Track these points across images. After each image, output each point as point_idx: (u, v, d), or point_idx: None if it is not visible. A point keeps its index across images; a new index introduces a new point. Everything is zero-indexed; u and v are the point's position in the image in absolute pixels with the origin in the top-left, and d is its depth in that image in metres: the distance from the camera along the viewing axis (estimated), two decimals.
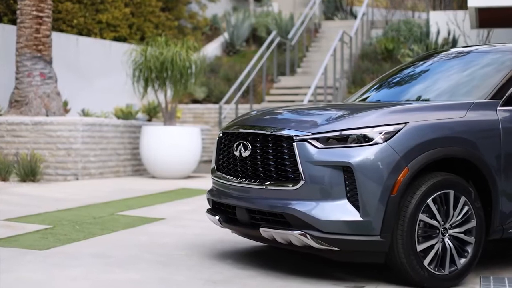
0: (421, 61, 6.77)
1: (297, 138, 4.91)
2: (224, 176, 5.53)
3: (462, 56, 6.46)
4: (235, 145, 5.36)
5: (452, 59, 6.49)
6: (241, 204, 5.27)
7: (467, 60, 6.33)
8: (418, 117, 4.99)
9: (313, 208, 4.81)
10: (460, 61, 6.36)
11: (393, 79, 6.75)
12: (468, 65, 6.19)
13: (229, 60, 20.48)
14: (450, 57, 6.52)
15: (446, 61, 6.50)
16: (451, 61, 6.47)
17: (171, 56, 13.14)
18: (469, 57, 6.36)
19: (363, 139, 4.83)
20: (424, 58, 6.83)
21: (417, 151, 4.86)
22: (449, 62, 6.48)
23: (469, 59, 6.32)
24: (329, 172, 4.80)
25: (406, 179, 4.80)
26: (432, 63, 6.61)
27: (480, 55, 6.28)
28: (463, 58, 6.42)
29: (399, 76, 6.74)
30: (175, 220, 7.88)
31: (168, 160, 13.18)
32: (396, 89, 6.52)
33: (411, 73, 6.64)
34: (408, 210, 4.82)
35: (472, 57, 6.33)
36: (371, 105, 5.60)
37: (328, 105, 6.32)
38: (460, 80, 6.00)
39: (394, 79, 6.69)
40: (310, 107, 5.99)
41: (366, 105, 5.69)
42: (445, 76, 6.18)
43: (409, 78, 6.59)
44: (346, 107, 5.59)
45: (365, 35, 21.27)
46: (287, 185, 4.93)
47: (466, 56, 6.44)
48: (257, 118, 5.53)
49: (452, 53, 6.60)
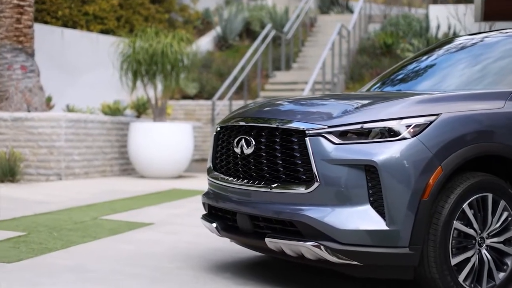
0: (438, 48, 6.04)
1: (310, 132, 4.15)
2: (223, 176, 4.77)
3: (489, 42, 5.71)
4: (235, 141, 4.60)
5: (476, 44, 5.75)
6: (243, 209, 4.51)
7: (494, 45, 5.59)
8: (452, 108, 4.25)
9: (329, 215, 4.06)
10: (487, 47, 5.62)
11: (409, 68, 6.02)
12: (496, 50, 5.45)
13: (222, 55, 19.75)
14: (473, 43, 5.78)
15: (470, 47, 5.76)
16: (475, 47, 5.73)
17: (161, 48, 12.40)
18: (496, 42, 5.61)
19: (388, 134, 4.08)
20: (441, 45, 6.11)
21: (452, 148, 4.12)
22: (473, 48, 5.74)
23: (497, 44, 5.57)
24: (348, 172, 4.05)
25: (440, 181, 4.06)
26: (453, 50, 5.90)
27: (508, 39, 5.52)
28: (490, 44, 5.67)
29: (416, 65, 6.01)
30: (166, 225, 7.11)
31: (158, 158, 12.45)
32: (414, 79, 5.77)
33: (430, 62, 5.92)
34: (441, 217, 4.09)
35: (499, 41, 5.59)
36: (395, 94, 4.84)
37: (342, 95, 5.55)
38: (489, 67, 5.26)
39: (411, 69, 5.95)
40: (321, 96, 5.22)
41: (389, 94, 4.93)
42: (471, 63, 5.45)
43: (428, 67, 5.86)
44: (365, 96, 4.84)
45: (362, 30, 20.60)
46: (298, 188, 4.18)
47: (492, 41, 5.69)
48: (261, 109, 4.78)
49: (474, 38, 5.85)
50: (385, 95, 4.91)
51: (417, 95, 4.40)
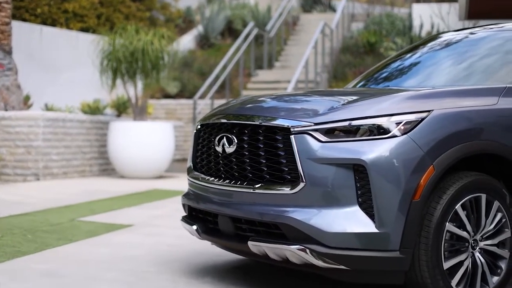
0: (424, 45, 5.86)
1: (295, 129, 3.94)
2: (203, 176, 4.55)
3: (477, 37, 5.52)
4: (217, 139, 4.39)
5: (464, 40, 5.56)
6: (225, 211, 4.29)
7: (482, 41, 5.41)
8: (444, 104, 4.05)
9: (315, 217, 3.85)
10: (475, 43, 5.44)
11: (395, 65, 5.82)
12: (485, 46, 5.27)
13: (204, 54, 19.49)
14: (461, 39, 5.58)
15: (458, 43, 5.56)
16: (462, 42, 5.54)
17: (141, 46, 12.14)
18: (485, 38, 5.43)
19: (377, 131, 3.88)
20: (427, 42, 5.93)
21: (444, 146, 3.92)
22: (461, 43, 5.55)
23: (485, 39, 5.39)
24: (335, 171, 3.84)
25: (432, 181, 3.86)
26: (440, 47, 5.71)
27: (501, 33, 5.33)
28: (478, 39, 5.49)
29: (402, 62, 5.82)
30: (145, 227, 6.88)
31: (138, 158, 12.20)
32: (401, 76, 5.56)
33: (416, 58, 5.72)
34: (433, 219, 3.89)
35: (488, 37, 5.40)
36: (384, 91, 4.64)
37: (328, 91, 5.34)
38: (478, 63, 5.09)
39: (397, 66, 5.75)
40: (305, 92, 5.01)
41: (377, 90, 4.74)
42: (462, 58, 5.26)
43: (415, 63, 5.67)
44: (352, 92, 4.65)
45: (345, 29, 20.43)
46: (282, 188, 3.96)
47: (480, 37, 5.51)
48: (243, 106, 4.56)
49: (465, 33, 5.66)
50: (373, 91, 4.71)
51: (408, 91, 4.20)
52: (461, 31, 5.78)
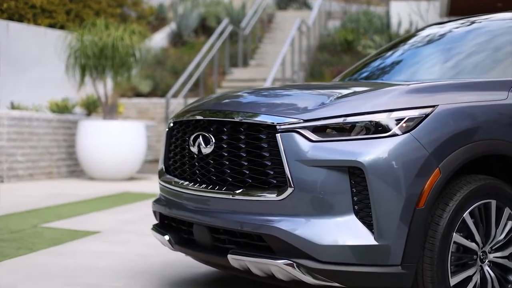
0: (421, 34, 5.42)
1: (282, 127, 3.45)
2: (177, 180, 4.05)
3: (480, 26, 5.07)
4: (192, 139, 3.88)
5: (467, 28, 5.11)
6: (201, 220, 3.79)
7: (485, 29, 4.95)
8: (449, 99, 3.58)
9: (305, 227, 3.36)
10: (478, 32, 4.98)
11: (384, 59, 5.38)
12: (489, 35, 4.82)
13: (177, 52, 18.94)
14: (463, 28, 5.14)
15: (460, 33, 5.12)
16: (465, 32, 5.09)
17: (111, 42, 11.58)
18: (489, 27, 4.98)
19: (375, 129, 3.40)
20: (415, 35, 5.50)
21: (451, 146, 3.45)
22: (463, 33, 5.10)
23: (489, 28, 4.94)
24: (328, 175, 3.35)
25: (438, 185, 3.39)
26: (440, 36, 5.26)
27: (502, 23, 4.88)
28: (481, 28, 5.04)
29: (391, 55, 5.37)
30: (114, 234, 6.35)
31: (108, 159, 11.66)
32: (391, 71, 5.10)
33: (407, 52, 5.28)
34: (438, 229, 3.42)
35: (493, 26, 4.95)
36: (380, 84, 4.16)
37: (315, 84, 4.85)
38: (484, 55, 4.63)
39: (386, 60, 5.31)
40: (291, 85, 4.50)
41: (372, 84, 4.26)
42: (463, 50, 4.80)
43: (405, 57, 5.23)
44: (343, 85, 4.17)
45: (322, 26, 20.00)
46: (267, 194, 3.47)
47: (483, 25, 5.06)
48: (222, 101, 4.07)
49: (463, 23, 5.21)
50: (367, 84, 4.23)
51: (409, 84, 3.72)
52: (456, 21, 5.33)
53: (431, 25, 5.63)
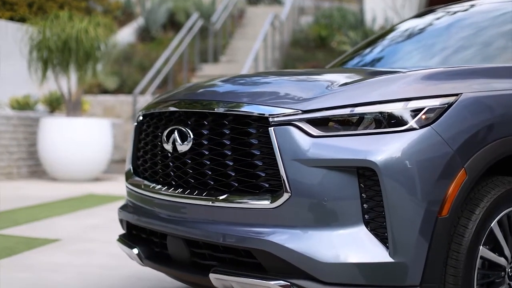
0: (424, 17, 4.88)
1: (276, 119, 2.85)
2: (147, 184, 3.43)
3: (485, 8, 4.53)
4: (165, 134, 3.27)
5: (470, 11, 4.58)
6: (176, 231, 3.17)
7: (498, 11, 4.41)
8: (475, 86, 3.01)
9: (304, 241, 2.77)
10: (489, 14, 4.44)
11: (380, 46, 4.82)
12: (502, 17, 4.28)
13: (145, 48, 18.23)
14: (471, 9, 4.59)
15: (468, 16, 4.57)
16: (473, 14, 4.55)
17: (75, 34, 10.88)
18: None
19: (388, 122, 2.81)
20: (424, 14, 4.96)
21: (479, 142, 2.88)
22: (471, 16, 4.56)
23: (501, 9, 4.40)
24: (333, 178, 2.76)
25: (464, 189, 2.82)
26: (446, 19, 4.72)
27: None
28: (485, 11, 4.50)
29: (390, 42, 4.82)
30: (75, 242, 5.70)
31: (72, 159, 10.97)
32: (400, 53, 4.54)
33: (417, 33, 4.73)
34: (463, 242, 2.84)
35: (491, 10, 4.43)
36: (389, 71, 3.56)
37: (312, 70, 4.24)
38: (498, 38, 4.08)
39: (393, 41, 4.76)
40: (283, 72, 3.90)
41: (378, 71, 3.67)
42: (475, 33, 4.25)
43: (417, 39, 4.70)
44: (345, 71, 3.59)
45: (295, 22, 19.46)
46: (258, 201, 2.87)
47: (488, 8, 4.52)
48: (200, 89, 3.46)
49: (471, 4, 4.66)
50: (374, 70, 3.64)
51: (426, 69, 3.13)
52: (457, 4, 4.79)
53: (429, 9, 5.11)
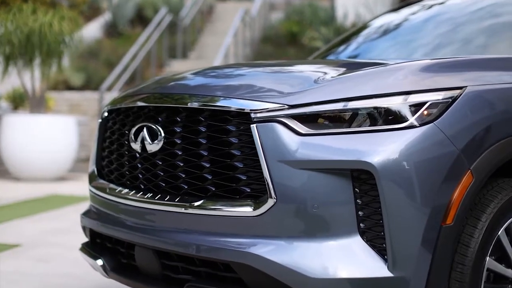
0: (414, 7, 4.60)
1: (259, 115, 2.52)
2: (113, 187, 3.08)
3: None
4: (133, 132, 2.91)
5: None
6: (145, 241, 2.82)
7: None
8: (481, 78, 2.71)
9: (291, 254, 2.45)
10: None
11: (372, 34, 4.57)
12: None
13: (112, 43, 17.78)
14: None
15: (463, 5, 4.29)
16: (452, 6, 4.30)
17: (38, 28, 10.44)
18: None
19: (385, 118, 2.49)
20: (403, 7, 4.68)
21: (486, 141, 2.58)
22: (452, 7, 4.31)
23: None
24: (324, 182, 2.43)
25: (470, 194, 2.51)
26: (425, 12, 4.44)
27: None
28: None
29: (378, 31, 4.56)
30: (36, 247, 5.32)
31: (36, 157, 10.51)
32: (384, 46, 4.25)
33: (401, 25, 4.45)
34: (469, 253, 2.54)
35: None
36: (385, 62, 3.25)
37: (290, 62, 3.90)
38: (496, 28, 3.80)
39: (374, 35, 4.46)
40: (265, 63, 3.55)
41: (374, 62, 3.35)
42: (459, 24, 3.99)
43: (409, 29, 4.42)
44: (335, 63, 3.27)
45: (265, 18, 19.15)
46: (239, 207, 2.53)
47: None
48: (172, 82, 3.12)
49: None
50: (365, 61, 3.32)
51: (425, 59, 2.81)
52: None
53: (407, 3, 4.83)
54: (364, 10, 17.30)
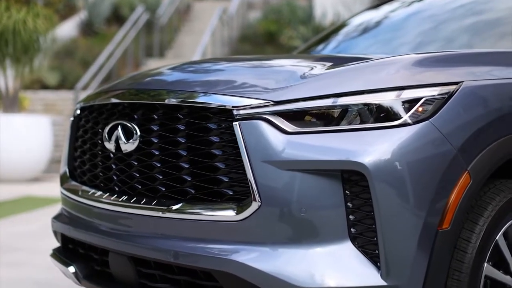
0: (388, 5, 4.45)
1: (242, 111, 2.35)
2: (86, 189, 2.89)
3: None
4: (107, 131, 2.73)
5: None
6: (120, 247, 2.64)
7: None
8: (477, 74, 2.55)
9: (277, 261, 2.28)
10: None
11: (354, 30, 4.41)
12: None
13: (87, 42, 17.52)
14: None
15: None
16: None
17: (12, 25, 10.20)
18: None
19: (376, 115, 2.33)
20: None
21: (483, 139, 2.42)
22: None
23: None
24: (312, 183, 2.26)
25: (467, 197, 2.35)
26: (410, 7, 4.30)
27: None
28: None
29: (362, 26, 4.42)
30: (7, 252, 5.11)
31: (9, 158, 10.27)
32: (369, 41, 4.09)
33: (391, 19, 4.30)
34: (466, 259, 2.38)
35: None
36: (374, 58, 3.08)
37: (280, 56, 3.72)
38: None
39: (357, 31, 4.30)
40: (247, 57, 3.36)
41: (364, 57, 3.19)
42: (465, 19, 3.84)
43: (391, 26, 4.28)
44: (321, 58, 3.11)
45: (243, 17, 18.99)
46: (220, 211, 2.36)
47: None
48: (148, 78, 2.94)
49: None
50: (354, 56, 3.16)
51: (418, 54, 2.65)
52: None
53: None
54: (343, 8, 17.19)
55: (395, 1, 4.52)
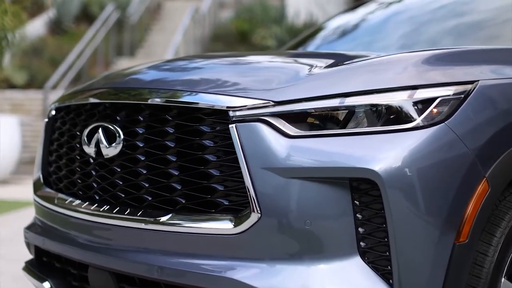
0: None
1: (239, 113, 2.12)
2: (62, 197, 2.64)
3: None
4: (86, 134, 2.48)
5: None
6: (100, 261, 2.40)
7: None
8: (494, 72, 2.35)
9: (278, 279, 2.06)
10: None
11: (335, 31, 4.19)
12: None
13: (56, 41, 17.24)
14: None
15: None
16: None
17: None
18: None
19: (386, 117, 2.11)
20: None
21: (502, 144, 2.22)
22: None
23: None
24: (317, 193, 2.04)
25: (485, 206, 2.15)
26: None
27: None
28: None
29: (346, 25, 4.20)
30: None
31: None
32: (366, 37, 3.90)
33: (374, 20, 4.10)
34: (483, 274, 2.18)
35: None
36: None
37: (275, 52, 3.50)
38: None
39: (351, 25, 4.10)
40: (238, 53, 3.12)
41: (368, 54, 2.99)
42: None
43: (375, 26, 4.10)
44: (319, 55, 2.89)
45: (215, 16, 18.79)
46: (215, 223, 2.13)
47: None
48: (132, 75, 2.70)
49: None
50: (358, 53, 2.94)
51: (430, 50, 2.44)
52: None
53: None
54: (316, 8, 17.07)
55: (373, 2, 4.35)
